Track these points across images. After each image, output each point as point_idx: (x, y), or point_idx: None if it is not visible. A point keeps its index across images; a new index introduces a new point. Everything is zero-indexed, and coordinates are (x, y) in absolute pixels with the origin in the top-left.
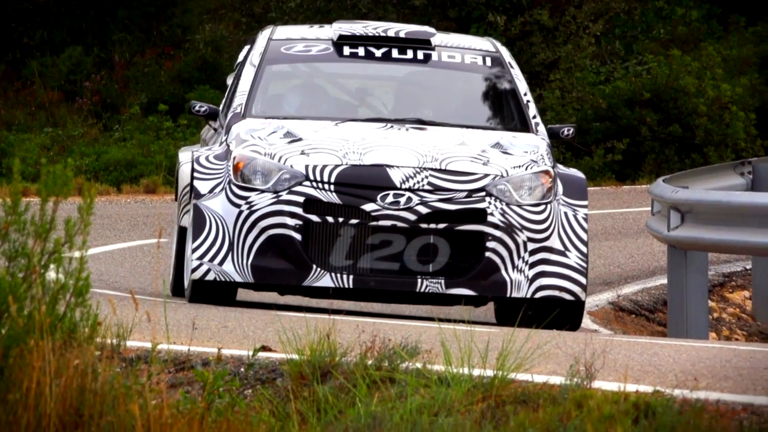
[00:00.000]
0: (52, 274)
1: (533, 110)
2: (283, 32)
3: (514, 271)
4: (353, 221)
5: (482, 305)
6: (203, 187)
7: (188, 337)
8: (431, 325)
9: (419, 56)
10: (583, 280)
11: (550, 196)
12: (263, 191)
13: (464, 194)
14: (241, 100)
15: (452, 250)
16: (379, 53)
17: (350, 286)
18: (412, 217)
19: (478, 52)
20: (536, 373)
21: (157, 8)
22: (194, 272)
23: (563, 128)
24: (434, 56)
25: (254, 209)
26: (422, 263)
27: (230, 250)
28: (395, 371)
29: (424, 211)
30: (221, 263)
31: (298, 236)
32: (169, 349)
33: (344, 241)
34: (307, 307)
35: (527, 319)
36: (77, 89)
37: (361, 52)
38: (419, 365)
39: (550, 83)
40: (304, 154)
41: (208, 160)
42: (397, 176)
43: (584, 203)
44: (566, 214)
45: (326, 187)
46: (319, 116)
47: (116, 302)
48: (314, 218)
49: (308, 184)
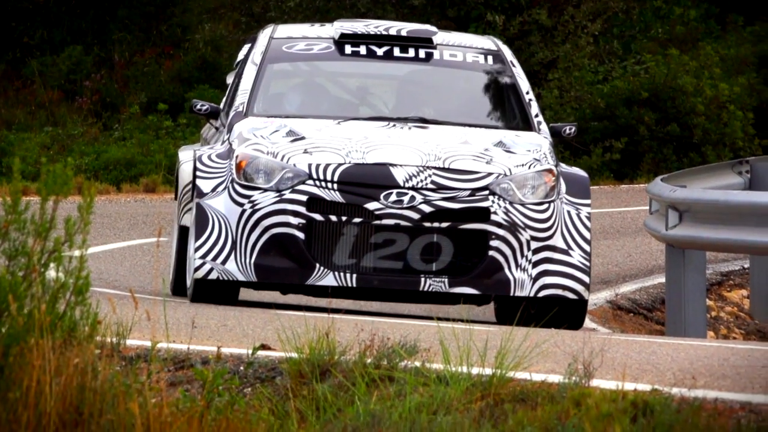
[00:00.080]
0: (52, 272)
1: (535, 109)
2: (284, 31)
3: (517, 269)
4: (356, 220)
5: (485, 304)
6: (206, 185)
7: (188, 335)
8: (430, 323)
9: (421, 55)
10: (586, 278)
11: (553, 194)
12: (266, 190)
13: (467, 193)
14: (243, 98)
15: (455, 248)
16: (380, 52)
17: (353, 285)
18: (415, 215)
19: (479, 50)
20: (535, 371)
21: (156, 8)
22: (197, 271)
23: (565, 127)
24: (436, 55)
25: (257, 208)
26: (425, 262)
27: (233, 249)
28: (394, 370)
29: (427, 209)
30: (224, 262)
31: (301, 235)
32: (168, 347)
33: (347, 239)
34: (306, 305)
35: (529, 318)
36: (77, 88)
37: (362, 50)
38: (418, 364)
39: (548, 83)
40: (307, 152)
41: (210, 158)
42: (400, 175)
43: (587, 202)
44: (569, 212)
45: (329, 185)
46: (320, 115)
47: (116, 301)
48: (317, 217)
49: (311, 182)
